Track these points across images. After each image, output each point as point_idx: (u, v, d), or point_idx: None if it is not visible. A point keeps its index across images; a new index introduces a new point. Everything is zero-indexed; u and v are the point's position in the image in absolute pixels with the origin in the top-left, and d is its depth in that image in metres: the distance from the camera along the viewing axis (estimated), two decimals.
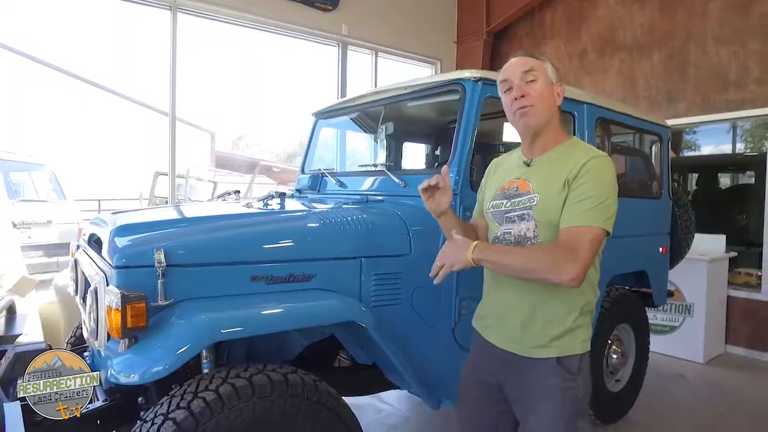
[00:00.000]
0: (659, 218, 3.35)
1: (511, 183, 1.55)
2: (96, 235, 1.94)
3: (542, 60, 1.50)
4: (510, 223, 1.51)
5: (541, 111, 1.46)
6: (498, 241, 1.55)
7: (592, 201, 1.35)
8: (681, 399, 3.61)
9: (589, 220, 1.35)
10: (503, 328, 1.53)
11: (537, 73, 1.45)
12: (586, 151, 1.45)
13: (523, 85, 1.46)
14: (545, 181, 1.46)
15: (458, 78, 2.25)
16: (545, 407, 1.44)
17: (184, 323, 1.48)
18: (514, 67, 1.49)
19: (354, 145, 3.85)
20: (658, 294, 3.33)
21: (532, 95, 1.44)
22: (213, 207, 2.37)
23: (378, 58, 6.16)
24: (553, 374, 1.43)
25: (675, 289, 4.31)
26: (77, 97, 11.80)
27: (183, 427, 1.33)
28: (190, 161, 9.48)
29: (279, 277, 1.73)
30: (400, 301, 2.03)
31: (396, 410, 3.26)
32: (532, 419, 1.46)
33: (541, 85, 1.45)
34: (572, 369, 1.43)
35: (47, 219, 5.53)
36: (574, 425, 1.44)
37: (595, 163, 1.40)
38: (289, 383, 1.51)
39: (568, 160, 1.44)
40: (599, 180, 1.38)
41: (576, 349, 1.45)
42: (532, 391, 1.46)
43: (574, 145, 1.51)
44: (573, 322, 1.45)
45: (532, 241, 1.46)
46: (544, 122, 1.48)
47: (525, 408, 1.49)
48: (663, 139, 3.41)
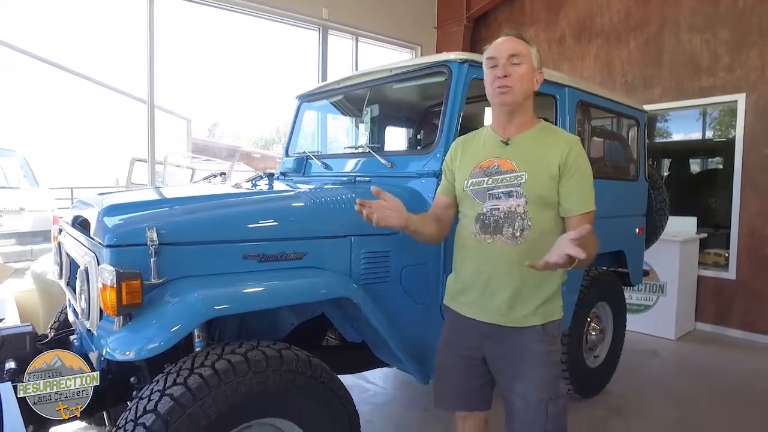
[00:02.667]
0: (636, 200, 3.45)
1: (490, 161, 1.61)
2: (81, 216, 1.91)
3: (530, 45, 1.59)
4: (495, 199, 1.57)
5: (518, 93, 1.55)
6: (484, 217, 1.59)
7: (588, 187, 1.54)
8: (655, 373, 3.77)
9: (591, 205, 1.54)
10: (489, 304, 1.58)
11: (523, 58, 1.54)
12: (565, 135, 1.61)
13: (508, 65, 1.54)
14: (530, 160, 1.54)
15: (444, 60, 2.27)
16: (533, 372, 1.53)
17: (178, 301, 1.48)
18: (504, 47, 1.57)
19: (337, 128, 3.85)
20: (635, 273, 3.45)
21: (514, 77, 1.53)
22: (202, 187, 2.36)
23: (358, 43, 6.12)
24: (539, 340, 1.54)
25: (649, 269, 4.47)
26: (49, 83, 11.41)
27: (180, 403, 1.34)
28: (166, 148, 9.30)
29: (271, 255, 1.75)
30: (389, 279, 2.06)
31: (382, 389, 3.31)
32: (519, 385, 1.54)
33: (524, 69, 1.55)
34: (554, 333, 1.58)
35: (19, 206, 5.38)
36: (557, 386, 1.56)
37: (580, 149, 1.56)
38: (284, 359, 1.53)
39: (553, 143, 1.56)
40: (585, 165, 1.55)
41: (556, 314, 1.60)
42: (520, 358, 1.54)
43: (548, 128, 1.63)
44: (554, 290, 1.59)
45: (522, 217, 1.52)
46: (521, 103, 1.58)
47: (512, 376, 1.56)
48: (640, 122, 3.51)
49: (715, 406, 3.19)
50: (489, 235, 1.57)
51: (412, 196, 2.19)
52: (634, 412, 3.06)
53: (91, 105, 12.37)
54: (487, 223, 1.58)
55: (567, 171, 1.52)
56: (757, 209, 4.55)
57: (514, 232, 1.53)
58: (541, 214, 1.53)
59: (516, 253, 1.53)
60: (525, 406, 1.54)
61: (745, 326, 4.61)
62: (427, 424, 2.84)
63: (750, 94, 4.52)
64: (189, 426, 1.35)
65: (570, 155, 1.52)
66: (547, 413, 1.52)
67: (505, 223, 1.54)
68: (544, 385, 1.52)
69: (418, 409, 3.02)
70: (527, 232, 1.52)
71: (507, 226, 1.54)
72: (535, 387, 1.52)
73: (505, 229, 1.54)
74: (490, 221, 1.57)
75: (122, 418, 1.38)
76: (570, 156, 1.52)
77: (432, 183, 2.17)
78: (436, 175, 2.16)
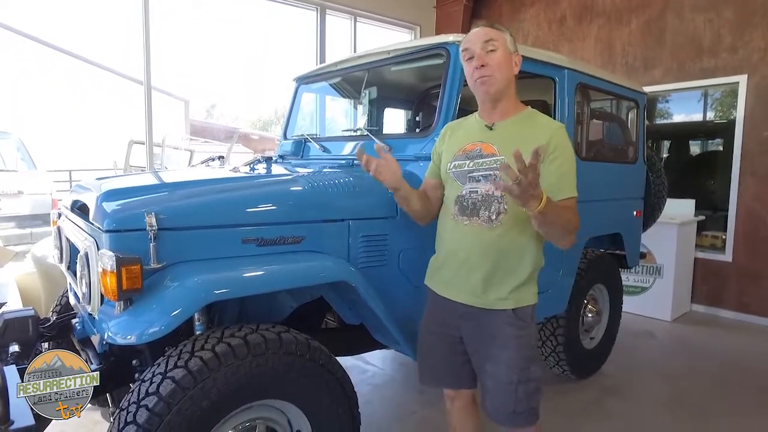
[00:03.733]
0: (634, 183, 3.46)
1: (473, 145, 1.64)
2: (80, 201, 1.91)
3: (502, 30, 1.60)
4: (475, 182, 1.60)
5: (499, 80, 1.57)
6: (463, 199, 1.63)
7: (569, 174, 1.54)
8: (650, 354, 3.82)
9: (572, 191, 1.54)
10: (464, 284, 1.62)
11: (497, 43, 1.55)
12: (548, 122, 1.61)
13: (483, 54, 1.56)
14: (511, 145, 1.51)
15: (443, 42, 2.25)
16: (502, 354, 1.57)
17: (178, 285, 1.49)
18: (476, 37, 1.58)
19: (335, 110, 3.82)
20: (632, 256, 3.47)
21: (491, 65, 1.55)
22: (200, 172, 2.36)
23: (357, 23, 6.05)
24: (509, 323, 1.57)
25: (647, 252, 4.50)
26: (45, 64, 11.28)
27: (182, 385, 1.37)
28: (164, 130, 9.25)
29: (269, 239, 1.76)
30: (386, 262, 2.08)
31: (381, 370, 3.36)
32: (489, 366, 1.59)
33: (500, 55, 1.56)
34: (526, 318, 1.59)
35: (18, 189, 5.37)
36: (527, 369, 1.57)
37: (562, 135, 1.56)
38: (283, 341, 1.55)
39: (534, 130, 1.57)
40: (568, 152, 1.56)
41: (529, 300, 1.61)
42: (492, 340, 1.59)
43: (533, 114, 1.64)
44: (528, 276, 1.60)
45: (498, 200, 1.55)
46: (503, 90, 1.59)
47: (483, 357, 1.61)
48: (639, 105, 3.49)
49: (709, 386, 3.25)
50: (466, 217, 1.61)
51: (410, 178, 2.19)
52: (630, 392, 3.11)
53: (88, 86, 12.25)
54: (465, 205, 1.61)
55: (547, 157, 1.51)
56: (755, 192, 4.56)
57: (490, 215, 1.56)
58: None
59: (491, 236, 1.56)
60: (495, 386, 1.59)
61: (741, 308, 4.66)
62: (425, 405, 2.89)
63: (752, 75, 4.49)
64: (190, 407, 1.37)
65: (551, 141, 1.52)
66: (516, 395, 1.56)
67: (482, 206, 1.57)
68: (514, 367, 1.56)
69: (415, 390, 3.07)
70: (503, 216, 1.55)
71: (484, 209, 1.57)
72: (505, 369, 1.56)
73: (482, 211, 1.58)
74: (468, 203, 1.61)
75: (125, 400, 1.40)
76: (551, 142, 1.52)
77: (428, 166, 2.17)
78: None
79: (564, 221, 1.46)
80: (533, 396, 1.60)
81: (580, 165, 2.70)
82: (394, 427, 2.67)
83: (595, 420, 2.77)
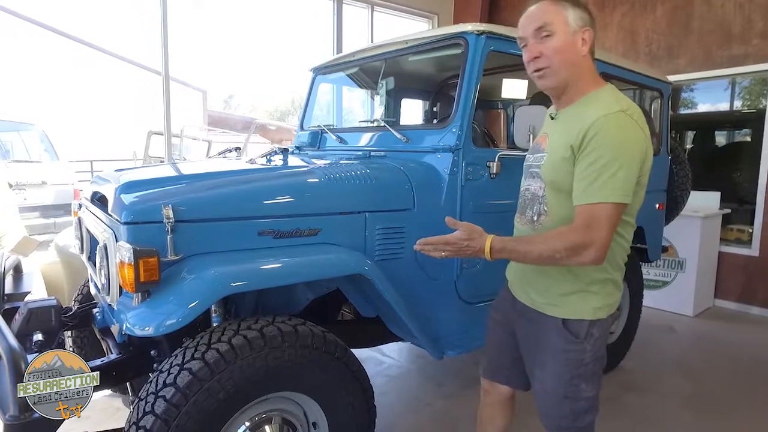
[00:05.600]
0: (657, 175, 3.36)
1: (542, 137, 1.52)
2: (99, 192, 1.93)
3: (562, 6, 1.34)
4: (531, 179, 1.50)
5: (558, 69, 1.34)
6: (521, 195, 1.56)
7: (603, 171, 1.24)
8: (670, 349, 3.75)
9: (602, 195, 1.24)
10: (522, 282, 1.55)
11: (552, 27, 1.32)
12: (598, 108, 1.30)
13: (536, 43, 1.34)
14: (555, 140, 1.41)
15: (461, 31, 2.20)
16: (549, 364, 1.46)
17: (195, 277, 1.50)
18: (528, 22, 1.37)
19: (352, 101, 3.80)
20: (653, 249, 3.40)
21: (546, 55, 1.33)
22: (217, 164, 2.36)
23: (374, 12, 5.99)
24: (557, 334, 1.42)
25: (669, 245, 4.40)
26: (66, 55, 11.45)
27: (199, 377, 1.38)
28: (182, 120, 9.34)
29: (285, 231, 1.76)
30: (403, 255, 2.06)
31: (397, 362, 3.36)
32: (537, 371, 1.51)
33: (557, 40, 1.32)
34: (578, 333, 1.40)
35: (41, 180, 5.47)
36: (575, 386, 1.43)
37: (603, 125, 1.26)
38: (299, 334, 1.55)
39: (578, 120, 1.32)
40: (607, 145, 1.25)
41: (585, 313, 1.40)
42: (539, 346, 1.49)
43: (593, 98, 1.36)
44: (586, 285, 1.40)
45: (540, 201, 1.44)
46: (566, 78, 1.36)
47: (532, 359, 1.53)
48: (664, 95, 3.39)
49: (732, 382, 3.17)
50: (520, 215, 1.55)
51: (428, 171, 2.17)
52: (649, 387, 3.06)
53: (109, 77, 12.41)
54: (521, 202, 1.55)
55: (581, 151, 1.29)
56: None
57: (532, 216, 1.47)
58: (558, 200, 1.39)
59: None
60: (542, 392, 1.51)
61: (766, 303, 4.54)
62: (441, 398, 2.88)
63: None
64: (207, 398, 1.39)
65: (588, 133, 1.27)
66: (562, 409, 1.46)
67: (529, 206, 1.49)
68: (559, 381, 1.44)
69: (432, 382, 3.06)
70: (543, 218, 1.43)
71: (529, 208, 1.49)
72: (551, 379, 1.46)
73: (527, 210, 1.50)
74: (522, 200, 1.54)
75: (143, 390, 1.42)
76: (587, 135, 1.27)
77: (448, 158, 2.14)
78: (452, 149, 2.13)
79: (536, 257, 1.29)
80: (582, 416, 1.46)
81: None
82: (409, 418, 2.67)
83: (613, 415, 2.73)
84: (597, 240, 1.24)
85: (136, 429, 1.36)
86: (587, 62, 1.38)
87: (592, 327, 1.41)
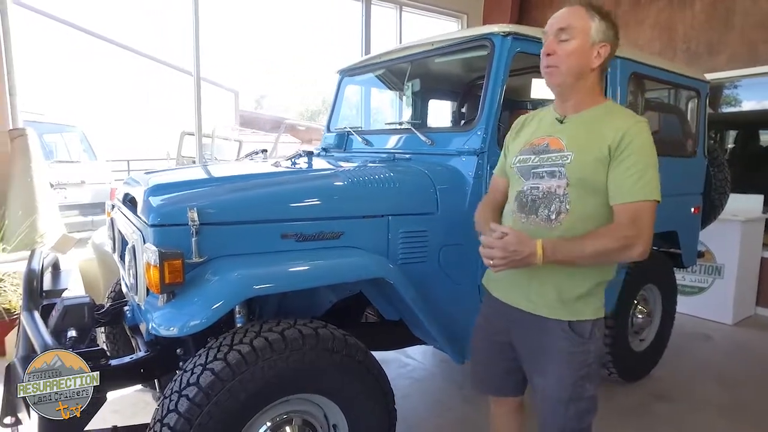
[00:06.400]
0: (692, 177, 3.26)
1: (541, 140, 1.52)
2: (130, 194, 1.99)
3: (591, 15, 1.42)
4: (538, 178, 1.49)
5: (565, 73, 1.43)
6: (523, 195, 1.52)
7: (644, 173, 1.35)
8: (706, 357, 3.61)
9: (645, 194, 1.35)
10: (517, 287, 1.53)
11: (573, 32, 1.40)
12: (626, 116, 1.42)
13: (554, 42, 1.43)
14: (581, 141, 1.43)
15: (487, 33, 2.18)
16: (553, 368, 1.46)
17: (218, 280, 1.53)
18: (554, 21, 1.45)
19: (379, 102, 3.80)
20: (688, 255, 3.28)
21: (559, 55, 1.42)
22: (242, 166, 2.41)
23: (402, 12, 5.98)
24: (563, 337, 1.44)
25: (705, 250, 4.24)
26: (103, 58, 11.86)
27: (221, 377, 1.41)
28: (214, 121, 9.54)
29: (308, 234, 1.77)
30: (426, 259, 2.05)
31: (421, 365, 3.35)
32: (539, 378, 1.50)
33: (573, 45, 1.40)
34: (583, 334, 1.45)
35: (81, 179, 5.69)
36: (581, 387, 1.45)
37: (639, 131, 1.38)
38: (320, 337, 1.56)
39: (607, 125, 1.40)
40: (645, 149, 1.37)
41: (589, 314, 1.46)
42: (541, 352, 1.48)
43: (611, 109, 1.47)
44: (589, 287, 1.45)
45: (560, 199, 1.43)
46: (569, 84, 1.45)
47: (534, 367, 1.52)
48: (701, 94, 3.27)
49: None
50: (524, 215, 1.50)
51: (453, 174, 2.16)
52: (680, 397, 2.96)
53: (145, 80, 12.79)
54: (525, 202, 1.51)
55: (619, 155, 1.36)
56: None
57: (549, 214, 1.45)
58: (583, 198, 1.41)
59: (548, 237, 1.43)
60: (544, 399, 1.50)
61: None
62: (463, 402, 2.85)
63: None
64: (229, 399, 1.41)
65: (625, 137, 1.36)
66: (566, 413, 1.46)
67: (542, 204, 1.46)
68: (564, 385, 1.45)
69: (455, 386, 3.04)
70: (564, 216, 1.42)
71: (543, 207, 1.46)
72: (555, 385, 1.46)
73: (540, 210, 1.46)
74: (527, 200, 1.50)
75: (168, 388, 1.46)
76: (625, 138, 1.36)
77: (472, 161, 2.12)
78: (477, 153, 2.11)
79: (591, 254, 1.33)
80: (585, 416, 1.48)
81: None
82: (432, 422, 2.65)
83: (642, 425, 2.65)
84: (645, 236, 1.34)
85: (161, 426, 1.39)
86: (595, 76, 1.46)
87: (595, 326, 1.48)
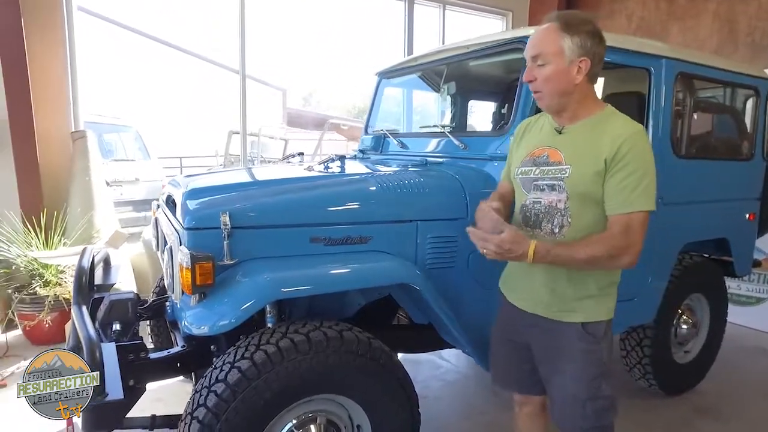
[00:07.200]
0: (748, 182, 3.07)
1: (541, 150, 1.54)
2: (172, 196, 2.10)
3: (562, 35, 1.38)
4: (539, 191, 1.52)
5: (549, 95, 1.45)
6: (526, 209, 1.56)
7: (638, 184, 1.37)
8: (760, 372, 3.41)
9: (638, 205, 1.37)
10: (531, 292, 1.58)
11: (546, 58, 1.41)
12: (621, 126, 1.42)
13: (533, 68, 1.45)
14: (578, 153, 1.45)
15: (520, 36, 2.14)
16: (569, 368, 1.51)
17: (248, 281, 1.59)
18: (529, 47, 1.46)
19: (419, 104, 3.80)
20: (741, 263, 3.10)
21: (538, 81, 1.44)
22: (276, 170, 2.48)
23: (445, 11, 5.93)
24: (578, 338, 1.50)
25: (764, 259, 3.99)
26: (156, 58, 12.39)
27: (247, 375, 1.47)
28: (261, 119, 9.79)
29: (337, 239, 1.81)
30: (455, 264, 2.05)
31: (455, 367, 3.34)
32: (556, 379, 1.55)
33: (549, 70, 1.41)
34: (597, 334, 1.50)
35: (135, 177, 6.00)
36: (597, 385, 1.50)
37: (634, 141, 1.38)
38: (344, 339, 1.60)
39: (602, 135, 1.41)
40: (641, 159, 1.38)
41: (601, 315, 1.52)
42: (558, 353, 1.54)
43: (607, 118, 1.46)
44: (599, 290, 1.51)
45: (562, 213, 1.47)
46: (558, 104, 1.47)
47: (550, 368, 1.57)
48: (761, 93, 3.07)
49: None
50: (529, 228, 1.55)
51: (485, 179, 2.14)
52: (729, 414, 2.81)
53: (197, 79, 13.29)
54: (528, 216, 1.55)
55: (614, 165, 1.38)
56: None
57: (552, 228, 1.49)
58: (584, 210, 1.45)
59: None
60: (562, 399, 1.55)
61: None
62: (497, 407, 2.83)
63: None
64: (254, 396, 1.47)
65: (621, 148, 1.37)
66: (584, 411, 1.51)
67: (545, 219, 1.50)
68: (582, 383, 1.50)
69: (487, 391, 3.01)
70: (566, 229, 1.47)
71: (546, 221, 1.50)
72: (572, 383, 1.52)
73: (544, 224, 1.51)
74: (531, 214, 1.54)
75: (199, 383, 1.54)
76: (621, 149, 1.37)
77: (504, 166, 2.09)
78: None
79: (582, 259, 1.37)
80: (604, 414, 1.53)
81: (677, 164, 2.49)
82: (462, 425, 2.65)
83: None
84: (634, 245, 1.38)
85: (191, 419, 1.47)
86: (582, 89, 1.45)
87: (607, 327, 1.53)
